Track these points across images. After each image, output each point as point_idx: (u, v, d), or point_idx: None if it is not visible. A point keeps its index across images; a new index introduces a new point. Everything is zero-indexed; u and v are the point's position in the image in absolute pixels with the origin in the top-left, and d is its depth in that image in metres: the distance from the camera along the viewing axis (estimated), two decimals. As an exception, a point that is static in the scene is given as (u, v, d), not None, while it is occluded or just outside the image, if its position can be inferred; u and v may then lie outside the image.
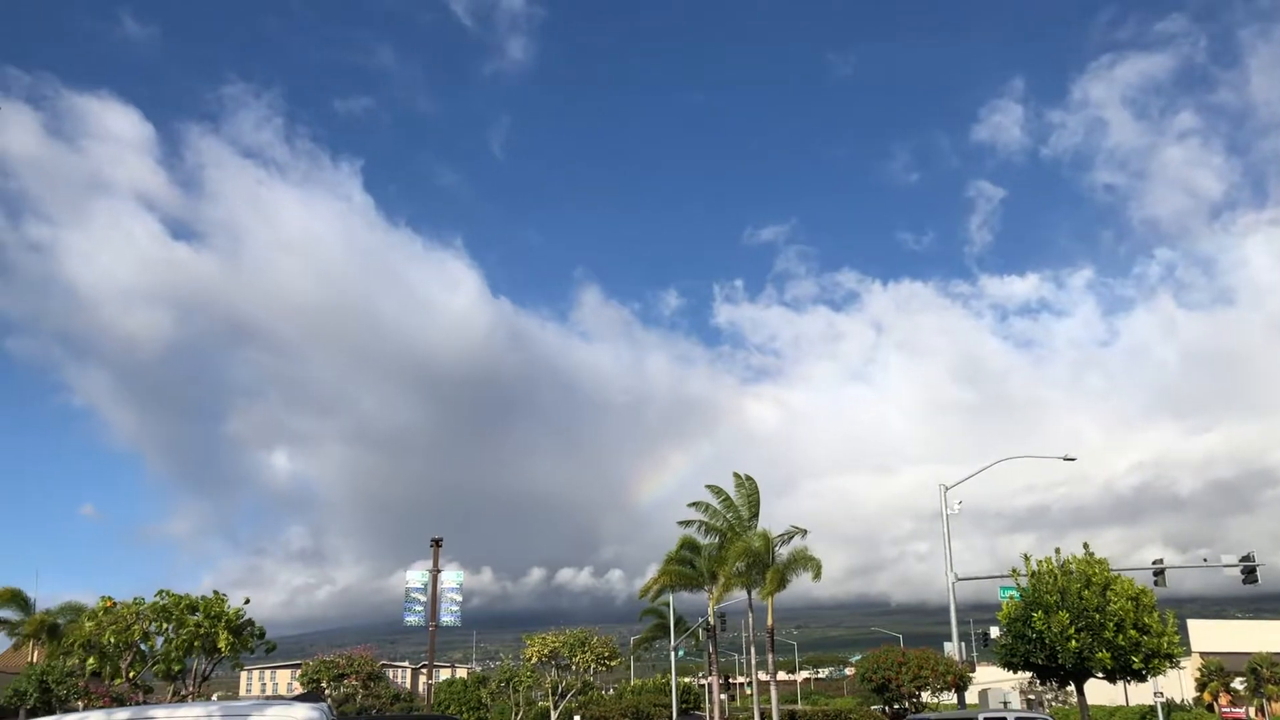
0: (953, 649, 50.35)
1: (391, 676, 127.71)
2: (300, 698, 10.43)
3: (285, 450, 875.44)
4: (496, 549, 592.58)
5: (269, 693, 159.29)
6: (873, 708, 58.73)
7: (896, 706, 49.53)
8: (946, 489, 50.69)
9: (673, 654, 67.19)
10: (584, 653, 58.71)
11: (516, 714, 61.85)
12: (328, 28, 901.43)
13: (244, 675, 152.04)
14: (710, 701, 60.14)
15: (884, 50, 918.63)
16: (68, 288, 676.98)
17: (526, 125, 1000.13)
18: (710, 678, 61.13)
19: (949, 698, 53.78)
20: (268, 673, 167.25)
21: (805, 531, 47.27)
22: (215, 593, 31.16)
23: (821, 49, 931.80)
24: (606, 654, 59.35)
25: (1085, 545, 32.72)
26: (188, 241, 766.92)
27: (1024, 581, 33.41)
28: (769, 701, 50.63)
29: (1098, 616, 30.02)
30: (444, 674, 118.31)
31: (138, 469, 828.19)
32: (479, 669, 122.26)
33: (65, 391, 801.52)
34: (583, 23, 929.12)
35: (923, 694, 49.10)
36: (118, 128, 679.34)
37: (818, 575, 44.42)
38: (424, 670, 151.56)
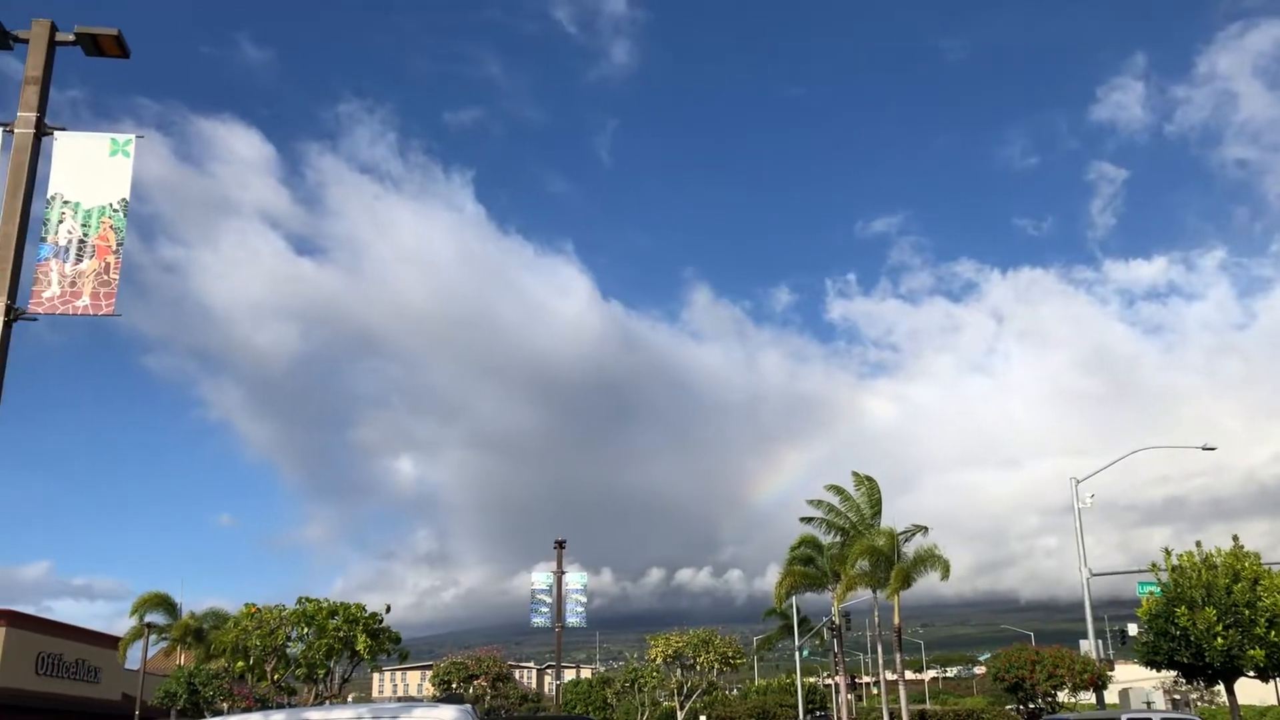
0: (1089, 647, 48.68)
1: (517, 677, 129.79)
2: (444, 699, 10.70)
3: (410, 456, 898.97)
4: (615, 550, 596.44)
5: (400, 693, 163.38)
6: (1007, 707, 57.22)
7: (1032, 706, 48.19)
8: (1077, 482, 49.08)
9: (797, 654, 66.65)
10: (707, 653, 58.65)
11: (642, 714, 62.13)
12: (436, 42, 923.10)
13: (376, 677, 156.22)
14: (837, 702, 59.48)
15: (995, 33, 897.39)
16: (200, 306, 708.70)
17: (632, 128, 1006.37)
18: (836, 677, 60.45)
19: (1087, 698, 52.06)
20: (399, 674, 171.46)
21: (926, 529, 46.58)
22: (359, 605, 32.23)
23: (931, 35, 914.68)
24: (730, 654, 59.15)
25: (1235, 538, 31.29)
26: (311, 257, 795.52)
27: (1164, 576, 32.11)
28: (897, 701, 49.83)
29: (1248, 613, 28.68)
30: (568, 674, 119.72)
31: (272, 478, 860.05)
32: (602, 669, 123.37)
33: (201, 406, 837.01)
34: (685, 23, 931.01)
35: (1059, 694, 47.66)
36: (241, 150, 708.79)
37: (946, 575, 43.60)
38: (549, 671, 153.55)
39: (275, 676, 31.85)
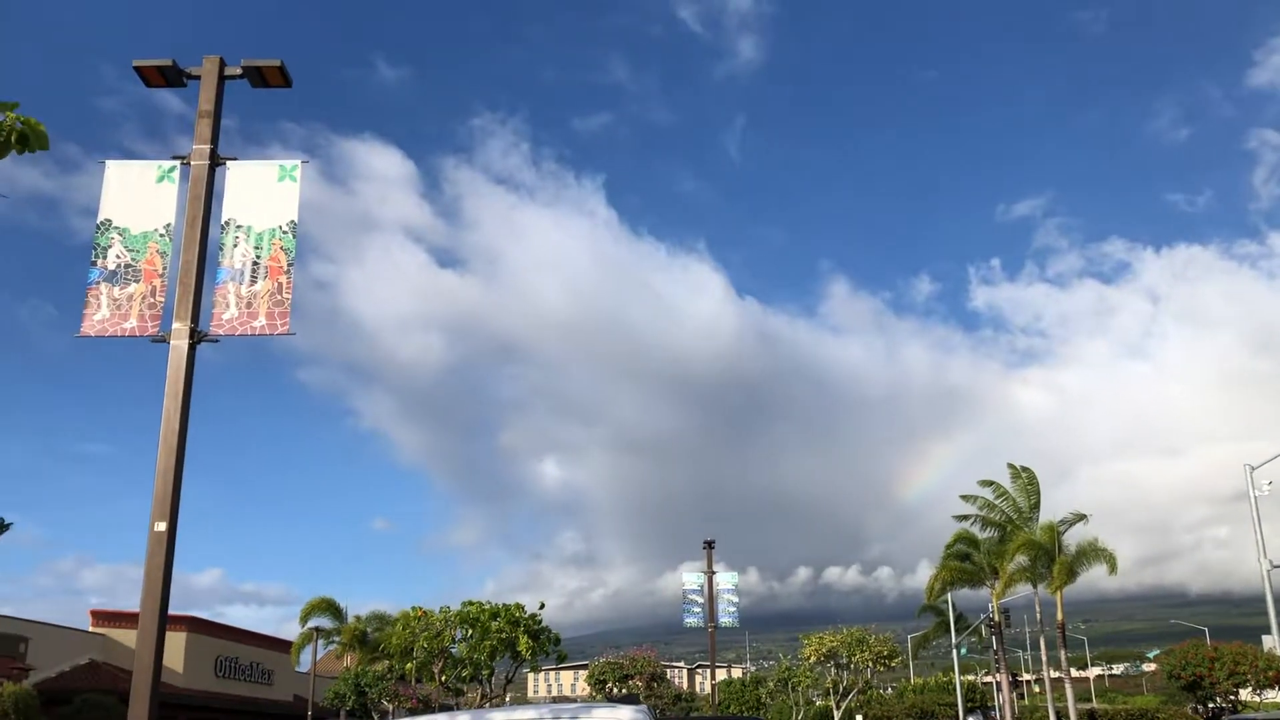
0: (1273, 643, 46.00)
1: (668, 677, 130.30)
2: (622, 699, 10.88)
3: (554, 459, 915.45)
4: (761, 549, 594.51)
5: (554, 693, 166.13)
6: (1187, 707, 54.60)
7: (1211, 705, 45.83)
8: (1252, 469, 46.43)
9: (954, 652, 64.97)
10: (862, 652, 57.73)
11: (797, 714, 61.57)
12: (563, 50, 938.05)
13: (531, 677, 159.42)
14: (1000, 700, 57.76)
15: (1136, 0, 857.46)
16: (351, 320, 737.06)
17: (761, 123, 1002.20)
18: (997, 675, 58.74)
19: (1273, 696, 49.28)
20: (552, 674, 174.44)
21: (1086, 517, 44.93)
22: (518, 605, 32.99)
23: (1068, 8, 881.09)
24: (885, 653, 58.07)
25: None
26: (453, 268, 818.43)
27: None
28: (1063, 699, 48.13)
29: None
30: (719, 674, 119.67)
31: (423, 483, 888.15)
32: (753, 668, 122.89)
33: (354, 416, 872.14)
34: (811, 13, 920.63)
35: (1240, 692, 45.19)
36: (382, 168, 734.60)
37: (1114, 568, 41.91)
38: (699, 670, 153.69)
39: (444, 678, 32.84)
